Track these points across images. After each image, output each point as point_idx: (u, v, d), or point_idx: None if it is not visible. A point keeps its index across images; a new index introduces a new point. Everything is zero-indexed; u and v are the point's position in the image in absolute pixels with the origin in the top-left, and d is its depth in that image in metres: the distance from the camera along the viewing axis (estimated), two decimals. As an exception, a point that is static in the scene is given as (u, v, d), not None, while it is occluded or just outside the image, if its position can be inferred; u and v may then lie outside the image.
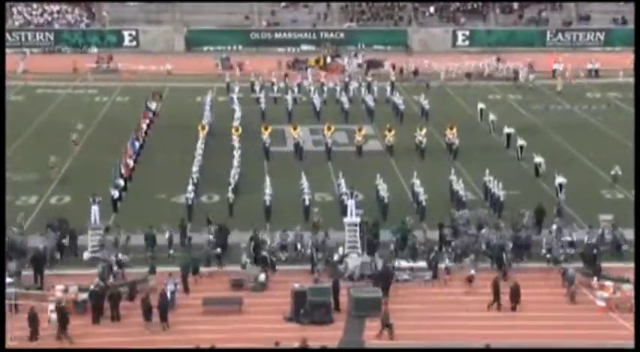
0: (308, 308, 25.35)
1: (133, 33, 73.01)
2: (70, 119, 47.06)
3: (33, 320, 23.95)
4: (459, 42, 75.58)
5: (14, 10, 73.27)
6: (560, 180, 35.73)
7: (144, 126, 44.62)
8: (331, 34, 74.98)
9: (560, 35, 75.97)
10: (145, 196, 35.83)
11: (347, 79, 57.70)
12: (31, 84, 57.65)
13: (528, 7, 78.62)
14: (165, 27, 74.03)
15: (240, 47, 72.91)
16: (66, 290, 25.93)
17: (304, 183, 34.74)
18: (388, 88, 55.32)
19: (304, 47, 72.79)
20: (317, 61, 66.07)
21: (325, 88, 55.39)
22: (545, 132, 47.53)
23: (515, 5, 78.84)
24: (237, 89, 53.21)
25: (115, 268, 27.66)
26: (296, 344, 23.00)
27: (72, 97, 55.39)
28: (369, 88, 54.85)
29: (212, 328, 24.71)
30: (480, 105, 50.30)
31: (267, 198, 33.47)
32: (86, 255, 28.96)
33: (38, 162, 39.41)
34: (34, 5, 73.85)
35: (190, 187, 34.28)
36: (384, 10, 77.61)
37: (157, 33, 73.38)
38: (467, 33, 75.87)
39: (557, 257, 29.33)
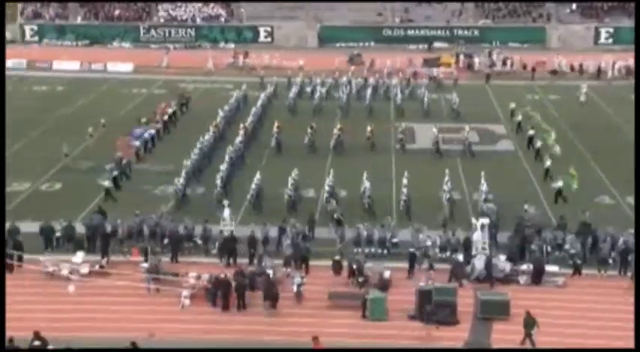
0: (433, 308, 25.20)
1: (269, 29, 74.77)
2: (203, 112, 48.72)
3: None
4: (602, 39, 72.45)
5: (160, 7, 76.75)
6: (559, 184, 34.41)
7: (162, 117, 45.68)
8: (465, 32, 73.83)
9: None
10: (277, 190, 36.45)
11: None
12: (172, 78, 60.05)
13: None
14: (299, 23, 75.35)
15: (371, 44, 73.09)
16: (198, 278, 26.99)
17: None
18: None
19: (437, 44, 72.01)
20: (446, 60, 65.48)
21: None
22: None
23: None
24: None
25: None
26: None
27: (209, 91, 57.25)
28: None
29: (334, 322, 25.04)
30: (512, 105, 48.43)
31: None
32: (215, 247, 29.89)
33: (175, 153, 41.06)
34: (178, 3, 77.05)
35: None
36: (521, 7, 75.57)
37: (290, 29, 74.80)
38: (611, 30, 72.57)
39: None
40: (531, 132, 42.59)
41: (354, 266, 27.65)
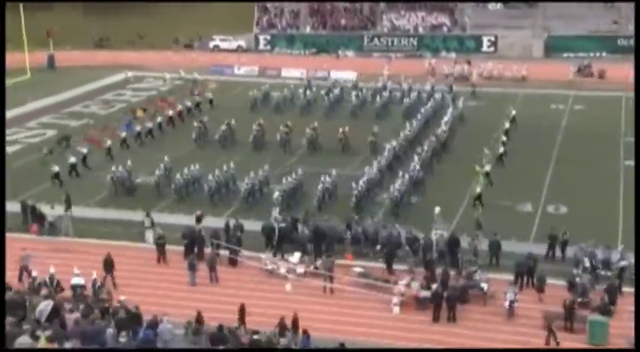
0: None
1: (492, 38, 73.30)
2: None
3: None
4: None
5: (384, 16, 78.05)
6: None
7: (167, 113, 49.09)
8: None
9: None
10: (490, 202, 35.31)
11: None
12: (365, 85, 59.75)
13: None
14: (524, 32, 73.13)
15: (604, 54, 69.19)
16: (408, 285, 26.96)
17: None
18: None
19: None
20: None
21: None
22: None
23: None
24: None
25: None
26: None
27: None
28: None
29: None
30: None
31: None
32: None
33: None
34: (402, 12, 77.86)
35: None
36: None
37: (515, 38, 72.75)
38: None
39: None
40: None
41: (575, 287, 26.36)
